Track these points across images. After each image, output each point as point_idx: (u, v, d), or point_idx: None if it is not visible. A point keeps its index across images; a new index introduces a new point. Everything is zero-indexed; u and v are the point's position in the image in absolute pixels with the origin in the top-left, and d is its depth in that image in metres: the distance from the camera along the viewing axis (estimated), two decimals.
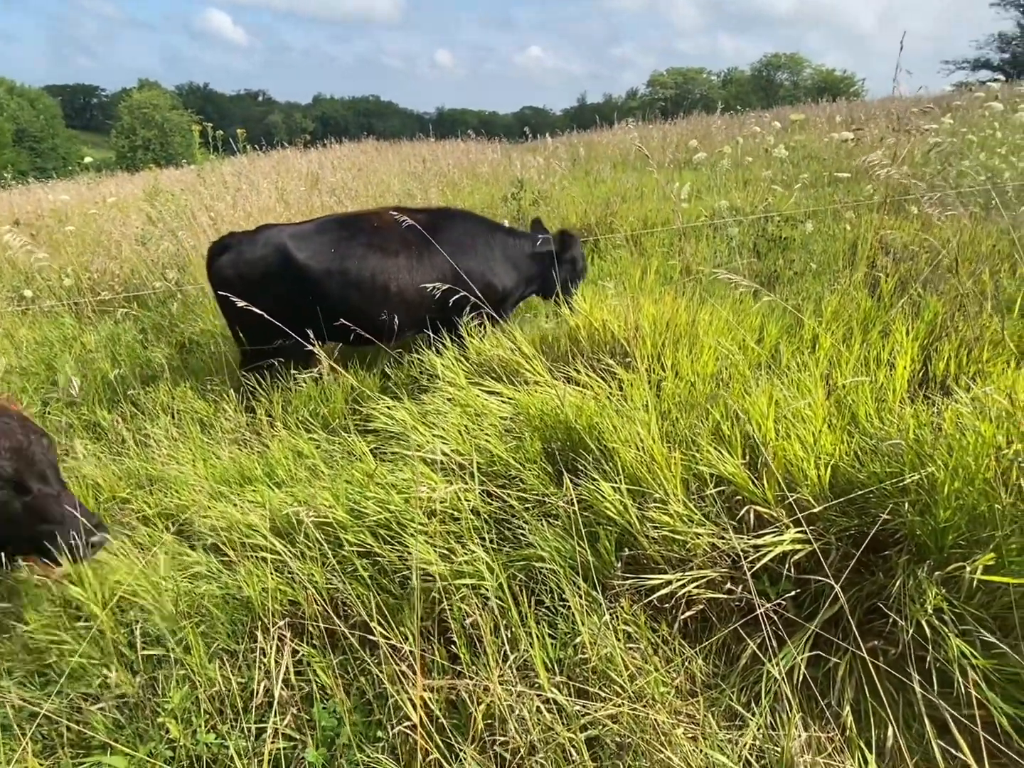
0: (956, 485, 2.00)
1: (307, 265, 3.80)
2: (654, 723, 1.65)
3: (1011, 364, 2.80)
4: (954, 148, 6.12)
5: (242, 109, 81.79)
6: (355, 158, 13.11)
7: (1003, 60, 41.82)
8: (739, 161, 7.64)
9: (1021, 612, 1.87)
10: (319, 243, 3.88)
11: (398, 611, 2.14)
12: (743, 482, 2.25)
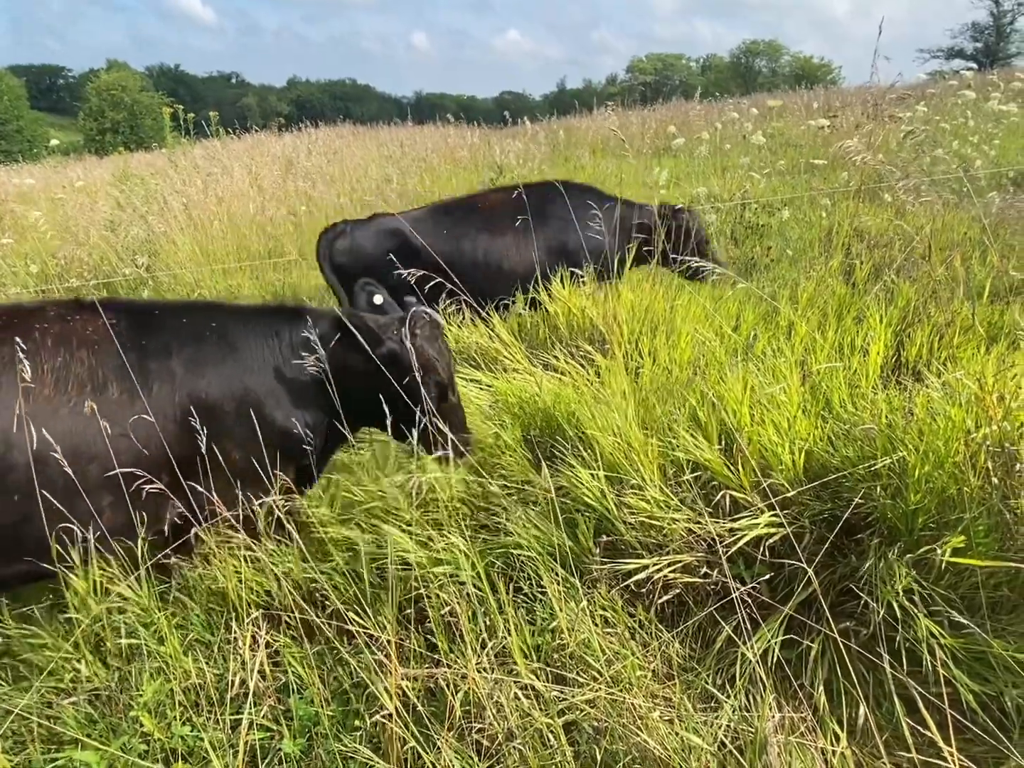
0: (926, 469, 2.03)
1: (424, 248, 3.81)
2: (631, 707, 1.66)
3: (981, 349, 2.85)
4: (928, 136, 6.18)
5: (215, 91, 79.94)
6: (331, 142, 12.90)
7: (976, 49, 42.39)
8: (718, 147, 7.65)
9: (987, 592, 1.92)
10: (433, 226, 3.98)
11: (376, 600, 2.13)
12: (719, 468, 2.27)
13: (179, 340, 2.20)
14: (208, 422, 2.10)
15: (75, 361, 2.03)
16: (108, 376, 2.05)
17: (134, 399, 2.05)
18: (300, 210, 7.20)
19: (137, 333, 2.16)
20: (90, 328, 2.11)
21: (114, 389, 2.05)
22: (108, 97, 36.50)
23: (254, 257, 6.17)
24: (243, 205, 7.04)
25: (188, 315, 2.31)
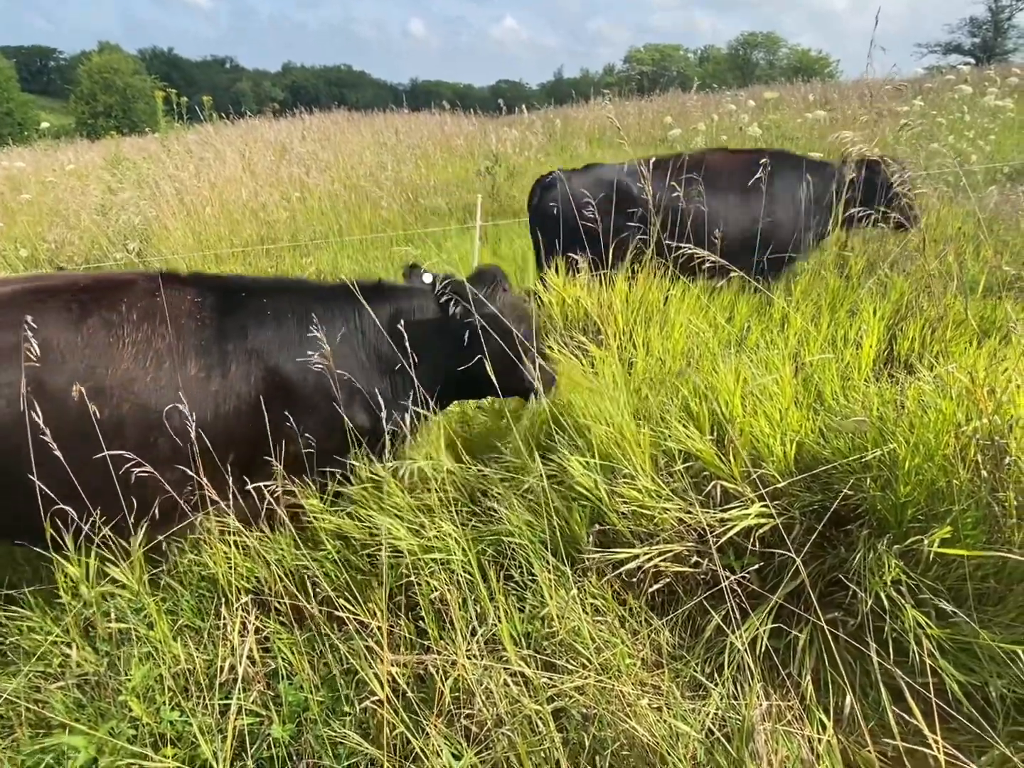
0: (916, 461, 2.04)
1: (643, 199, 3.82)
2: (619, 694, 1.67)
3: (973, 343, 2.86)
4: (924, 130, 6.18)
5: (208, 76, 78.92)
6: (326, 129, 12.79)
7: (974, 45, 42.29)
8: (714, 139, 7.62)
9: (974, 584, 1.93)
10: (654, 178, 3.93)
11: (366, 587, 2.13)
12: (710, 458, 2.28)
13: (259, 321, 2.21)
14: (284, 403, 2.15)
15: (156, 336, 2.07)
16: (188, 352, 2.09)
17: (211, 377, 2.09)
18: (293, 196, 7.14)
19: (221, 312, 2.19)
20: (175, 304, 2.15)
21: (193, 366, 2.09)
22: (100, 80, 36.03)
23: (247, 243, 6.12)
24: (236, 191, 6.97)
25: (271, 296, 2.32)
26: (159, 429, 2.02)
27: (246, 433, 2.15)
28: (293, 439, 2.21)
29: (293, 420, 2.18)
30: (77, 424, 1.90)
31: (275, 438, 2.16)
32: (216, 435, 2.05)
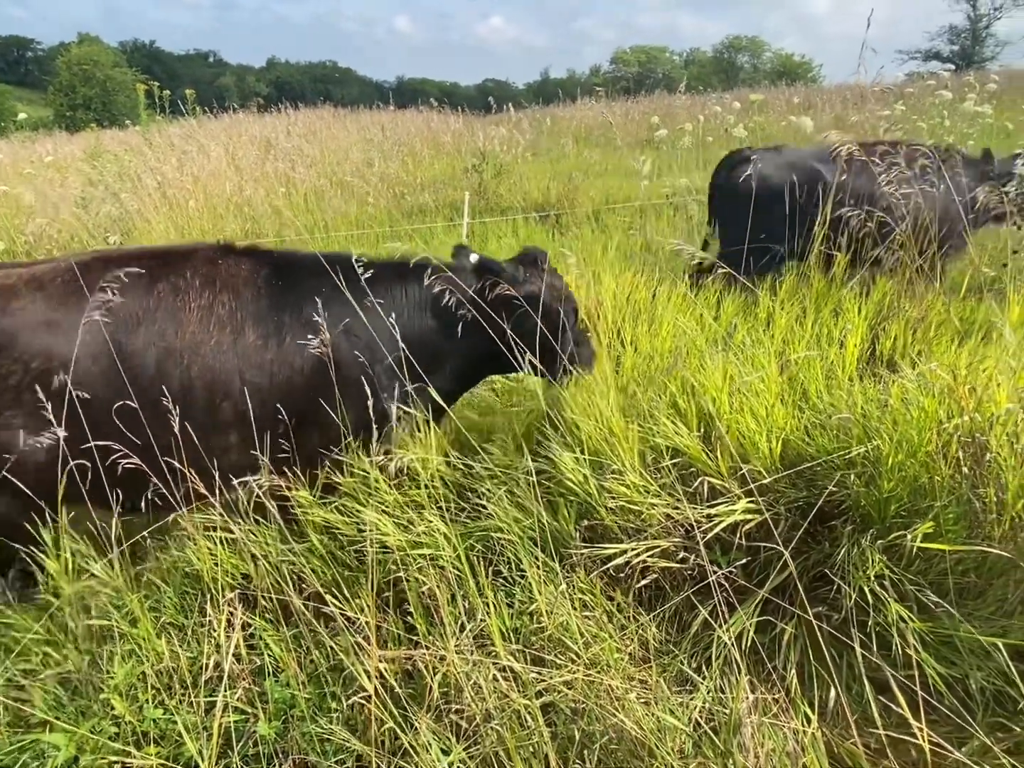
0: (899, 457, 2.07)
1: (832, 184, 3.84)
2: (607, 688, 1.67)
3: (954, 342, 2.91)
4: (906, 134, 6.27)
5: (191, 70, 77.89)
6: (312, 124, 12.69)
7: (953, 52, 43.03)
8: (700, 141, 7.68)
9: (955, 578, 1.97)
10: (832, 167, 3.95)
11: (354, 583, 2.12)
12: (697, 454, 2.29)
13: (313, 294, 2.24)
14: (333, 376, 2.19)
15: (218, 303, 2.14)
16: (246, 320, 2.16)
17: (267, 346, 2.16)
18: (279, 191, 7.08)
19: (276, 284, 2.25)
20: (235, 273, 2.22)
21: (250, 333, 2.15)
22: (79, 72, 35.44)
23: (231, 238, 6.04)
24: (220, 185, 6.89)
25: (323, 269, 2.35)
26: (223, 392, 2.10)
27: (295, 403, 2.22)
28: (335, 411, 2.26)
29: (339, 393, 2.24)
30: (153, 384, 2.00)
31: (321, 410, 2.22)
32: (271, 402, 2.14)
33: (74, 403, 1.92)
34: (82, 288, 2.00)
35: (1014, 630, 1.81)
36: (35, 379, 1.94)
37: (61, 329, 1.97)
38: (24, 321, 1.95)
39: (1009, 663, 1.63)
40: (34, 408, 1.90)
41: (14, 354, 1.93)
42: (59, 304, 1.99)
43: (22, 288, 2.01)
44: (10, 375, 1.93)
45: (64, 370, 1.93)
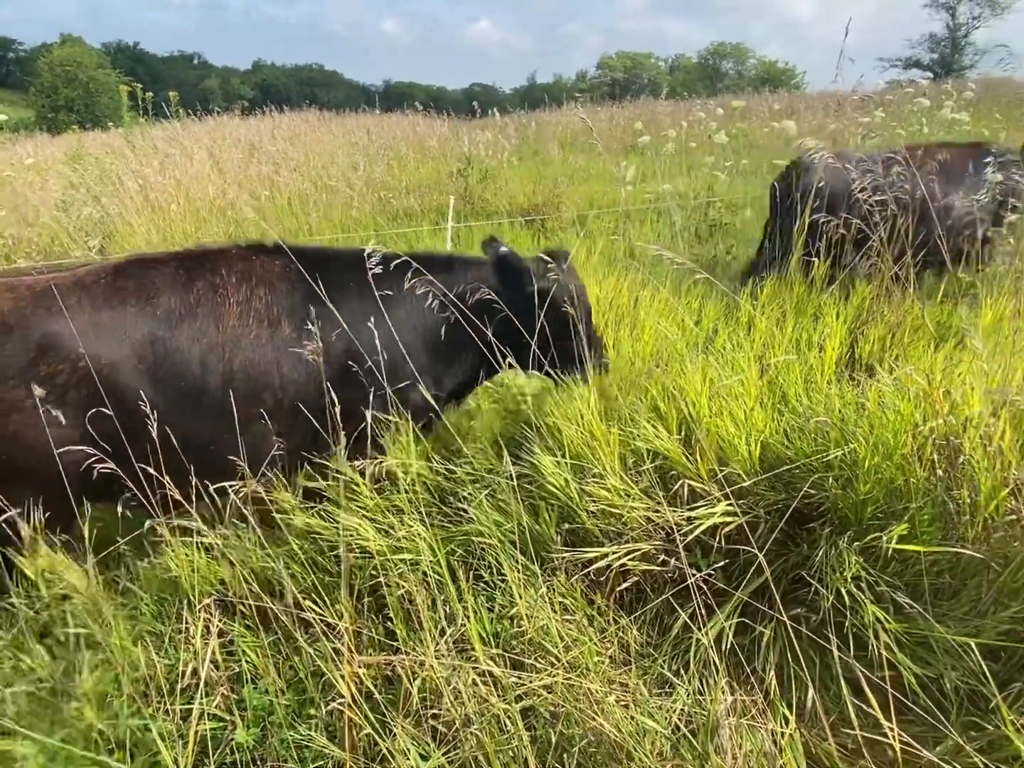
0: (876, 460, 2.10)
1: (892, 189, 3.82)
2: (587, 692, 1.68)
3: (930, 347, 2.95)
4: (885, 140, 6.36)
5: (176, 72, 77.19)
6: (297, 127, 12.64)
7: (932, 60, 43.72)
8: (684, 146, 7.75)
9: (930, 579, 1.99)
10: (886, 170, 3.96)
11: (334, 588, 2.10)
12: (677, 457, 2.30)
13: (342, 287, 2.32)
14: (361, 366, 2.27)
15: (255, 297, 2.22)
16: (281, 313, 2.23)
17: (302, 338, 2.20)
18: (262, 195, 7.04)
19: (308, 277, 2.30)
20: (268, 268, 2.29)
21: (286, 326, 2.23)
22: (62, 73, 35.07)
23: (214, 241, 6.01)
24: (203, 188, 6.84)
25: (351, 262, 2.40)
26: (264, 384, 2.18)
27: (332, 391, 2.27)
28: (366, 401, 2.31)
29: (366, 384, 2.31)
30: (196, 378, 2.08)
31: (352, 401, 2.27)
32: (307, 393, 2.22)
33: (120, 400, 2.00)
34: (124, 289, 2.09)
35: (987, 629, 1.83)
36: (82, 378, 1.98)
37: (106, 329, 2.03)
38: (70, 322, 2.00)
39: (981, 662, 1.65)
40: (79, 406, 1.97)
41: (61, 354, 1.97)
42: (104, 305, 2.05)
43: (67, 290, 2.06)
44: (57, 374, 1.97)
45: (111, 368, 2.00)
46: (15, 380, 1.93)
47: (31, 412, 1.93)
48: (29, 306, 1.99)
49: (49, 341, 1.97)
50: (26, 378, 1.93)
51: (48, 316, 1.98)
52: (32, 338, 1.95)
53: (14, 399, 1.93)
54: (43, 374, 1.95)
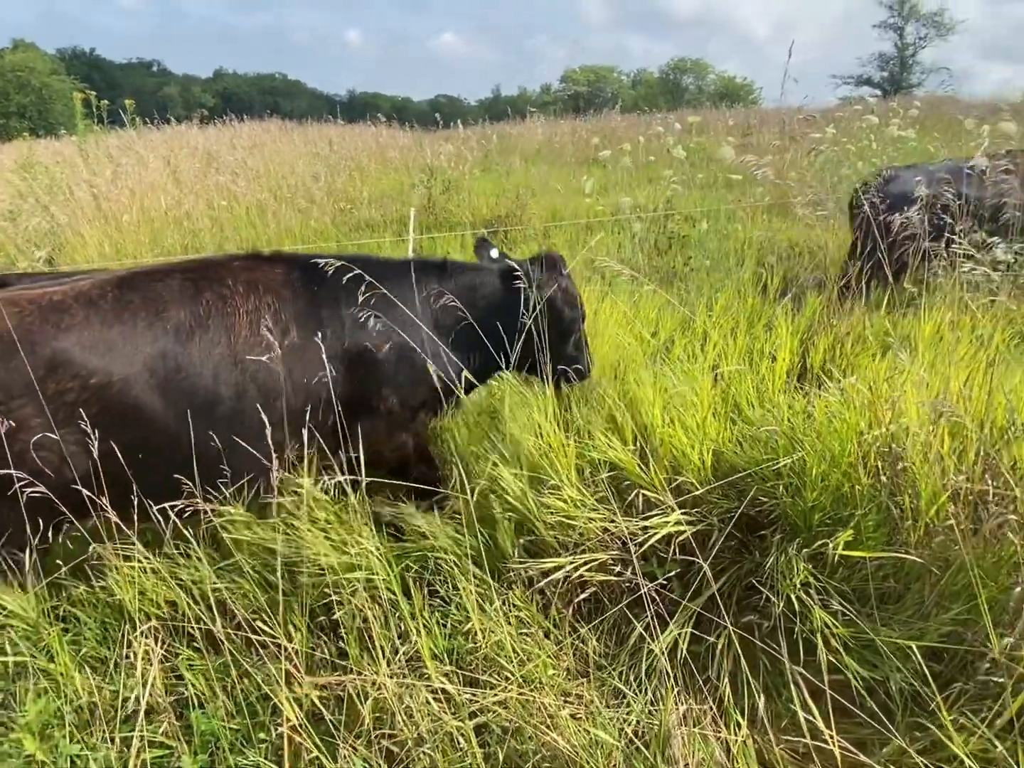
0: (823, 468, 2.15)
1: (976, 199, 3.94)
2: (541, 706, 1.67)
3: (876, 357, 3.04)
4: (835, 156, 6.57)
5: (134, 79, 75.43)
6: (257, 137, 12.48)
7: (882, 78, 45.41)
8: (643, 160, 7.88)
9: (876, 583, 2.04)
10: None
11: (287, 608, 2.06)
12: (632, 467, 2.33)
13: (346, 291, 2.30)
14: (369, 368, 2.31)
15: (263, 306, 2.20)
16: (289, 320, 2.23)
17: (310, 343, 2.20)
18: (220, 205, 6.92)
19: (310, 283, 2.32)
20: (272, 277, 2.28)
21: (295, 333, 2.22)
22: (14, 79, 34.09)
23: (169, 252, 5.87)
24: (158, 198, 6.69)
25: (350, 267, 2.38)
26: (276, 391, 2.16)
27: (341, 394, 2.29)
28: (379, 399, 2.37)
29: (376, 383, 2.35)
30: (210, 389, 2.06)
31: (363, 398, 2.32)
32: (318, 397, 2.22)
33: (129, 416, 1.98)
34: (132, 303, 2.05)
35: (930, 632, 1.88)
36: (92, 396, 1.94)
37: (116, 345, 1.98)
38: (79, 339, 1.94)
39: (923, 664, 1.69)
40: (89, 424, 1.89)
41: (71, 371, 1.91)
42: (113, 320, 2.01)
43: (73, 305, 1.98)
44: (66, 392, 1.91)
45: (121, 385, 1.97)
46: (22, 399, 1.86)
47: (38, 431, 1.85)
48: (36, 322, 1.91)
49: (58, 358, 1.91)
50: (34, 396, 1.86)
51: (57, 332, 1.92)
52: (41, 355, 1.88)
53: (21, 418, 1.85)
54: (51, 392, 1.89)
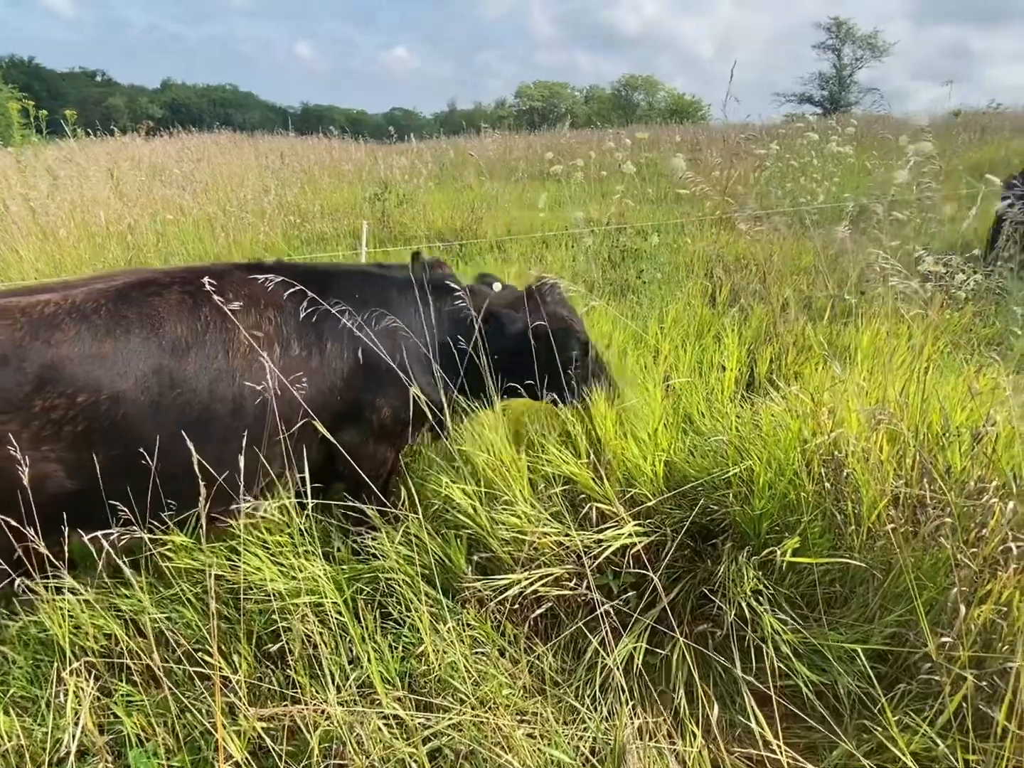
0: (769, 476, 2.19)
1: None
2: (495, 727, 1.65)
3: (819, 366, 3.13)
4: (779, 172, 6.80)
5: (77, 89, 72.92)
6: (206, 149, 12.21)
7: (822, 96, 47.36)
8: (596, 175, 8.00)
9: (823, 588, 2.09)
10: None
11: (231, 637, 1.99)
12: (585, 481, 2.33)
13: (347, 303, 2.27)
14: (369, 380, 2.29)
15: (264, 320, 2.17)
16: (291, 334, 2.20)
17: (312, 356, 2.21)
18: (165, 218, 6.72)
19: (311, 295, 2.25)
20: (273, 289, 2.20)
21: (296, 346, 2.20)
22: None
23: (111, 268, 5.67)
24: (100, 212, 6.46)
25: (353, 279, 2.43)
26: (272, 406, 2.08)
27: (337, 407, 2.27)
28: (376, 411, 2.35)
29: (374, 394, 2.33)
30: (207, 406, 2.01)
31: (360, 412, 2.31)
32: (316, 410, 2.16)
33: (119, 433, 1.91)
34: (126, 317, 1.98)
35: (875, 634, 1.93)
36: (80, 413, 1.86)
37: (108, 360, 1.91)
38: (70, 353, 1.86)
39: (867, 666, 1.73)
40: (74, 441, 1.86)
41: (59, 388, 1.84)
42: (105, 334, 1.93)
43: (65, 318, 1.91)
44: (54, 408, 1.83)
45: (112, 402, 1.89)
46: (8, 414, 1.79)
47: (22, 447, 1.74)
48: (26, 336, 1.84)
49: (47, 374, 1.83)
50: (20, 412, 1.80)
51: (47, 348, 1.85)
52: (28, 371, 1.81)
53: (2, 433, 1.78)
54: (38, 408, 1.82)
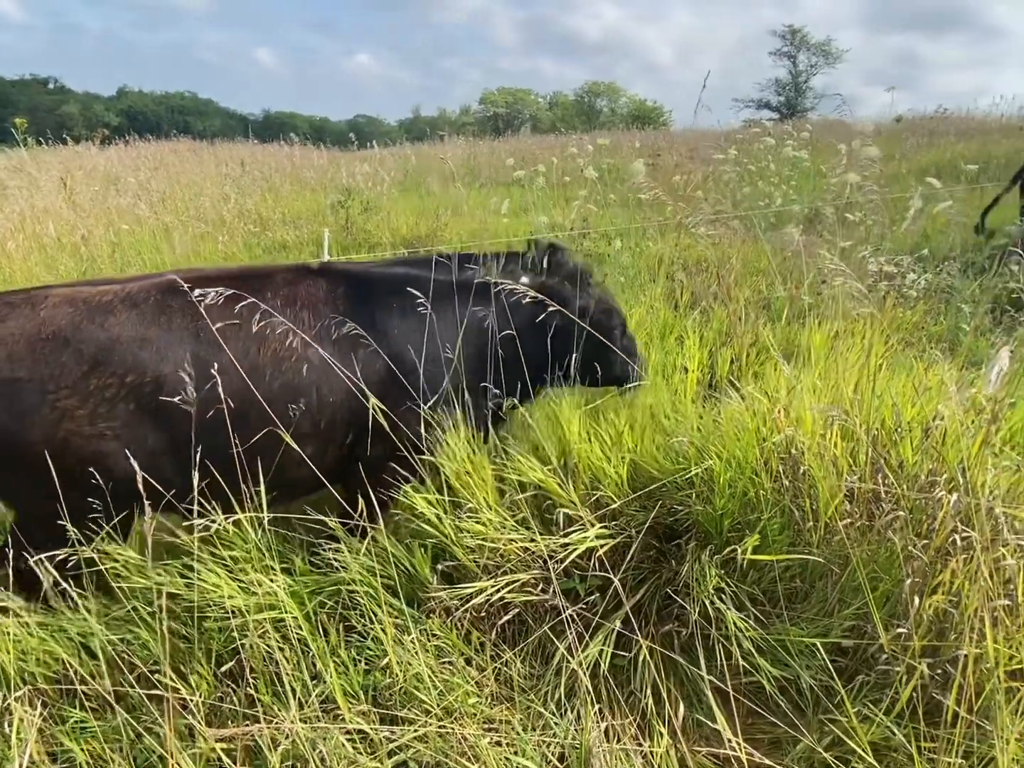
0: (729, 475, 2.23)
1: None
2: (461, 737, 1.63)
3: (776, 367, 3.19)
4: (737, 176, 6.93)
5: (27, 96, 70.73)
6: (164, 157, 11.97)
7: (779, 102, 48.51)
8: (559, 180, 8.06)
9: (784, 584, 2.12)
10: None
11: (191, 656, 1.94)
12: (551, 486, 2.33)
13: (385, 308, 2.36)
14: (400, 388, 2.30)
15: (298, 321, 2.20)
16: (324, 337, 2.24)
17: (344, 360, 2.22)
18: (121, 228, 6.56)
19: (353, 299, 2.34)
20: (312, 291, 2.31)
21: (329, 348, 2.23)
22: None
23: (63, 280, 5.51)
24: (51, 223, 6.28)
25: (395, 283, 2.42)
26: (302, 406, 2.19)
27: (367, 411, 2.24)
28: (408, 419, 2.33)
29: (408, 401, 2.34)
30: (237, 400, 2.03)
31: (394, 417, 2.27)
32: (346, 413, 2.25)
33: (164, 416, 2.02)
34: (172, 307, 2.12)
35: (835, 627, 1.97)
36: (129, 392, 2.02)
37: (153, 346, 2.07)
38: (120, 337, 2.03)
39: (826, 660, 1.77)
40: (127, 420, 2.02)
41: (111, 368, 2.01)
42: (152, 322, 2.10)
43: (118, 306, 2.09)
44: (107, 387, 2.00)
45: (156, 384, 2.03)
46: (68, 390, 1.97)
47: (81, 421, 1.97)
48: (85, 321, 2.03)
49: (101, 356, 2.01)
50: (79, 389, 1.97)
51: (101, 331, 2.03)
52: (86, 352, 1.99)
53: (66, 408, 1.97)
54: (93, 387, 1.99)
